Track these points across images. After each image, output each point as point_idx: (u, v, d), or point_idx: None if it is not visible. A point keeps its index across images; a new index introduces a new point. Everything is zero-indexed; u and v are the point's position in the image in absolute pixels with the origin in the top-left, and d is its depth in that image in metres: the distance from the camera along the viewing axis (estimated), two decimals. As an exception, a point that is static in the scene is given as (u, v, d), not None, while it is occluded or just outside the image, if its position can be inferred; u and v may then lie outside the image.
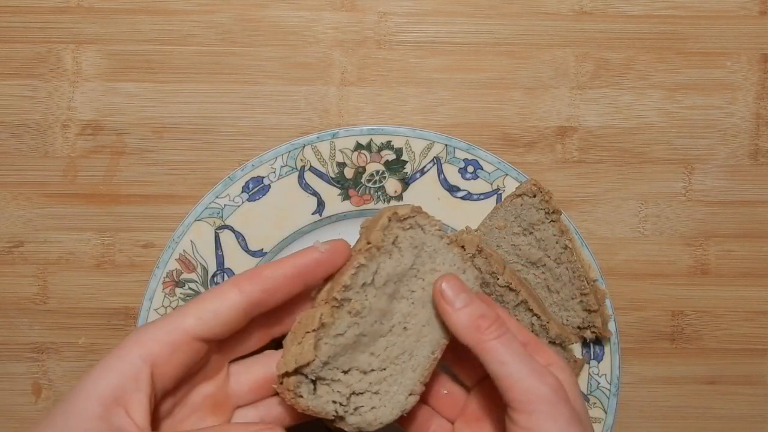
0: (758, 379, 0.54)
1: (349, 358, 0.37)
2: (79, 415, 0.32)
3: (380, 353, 0.37)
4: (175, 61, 0.53)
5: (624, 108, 0.53)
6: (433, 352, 0.38)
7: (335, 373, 0.36)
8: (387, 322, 0.38)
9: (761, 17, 0.53)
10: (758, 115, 0.54)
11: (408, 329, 0.38)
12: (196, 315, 0.35)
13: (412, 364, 0.38)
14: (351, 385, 0.37)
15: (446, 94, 0.53)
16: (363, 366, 0.37)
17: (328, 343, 0.35)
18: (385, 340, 0.38)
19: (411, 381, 0.38)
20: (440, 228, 0.39)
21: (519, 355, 0.35)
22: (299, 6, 0.53)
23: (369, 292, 0.37)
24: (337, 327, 0.36)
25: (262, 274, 0.36)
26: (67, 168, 0.53)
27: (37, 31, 0.52)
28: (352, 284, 0.36)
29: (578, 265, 0.48)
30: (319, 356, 0.35)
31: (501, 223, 0.50)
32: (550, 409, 0.34)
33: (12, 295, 0.53)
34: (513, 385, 0.35)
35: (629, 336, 0.54)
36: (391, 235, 0.37)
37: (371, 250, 0.36)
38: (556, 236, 0.49)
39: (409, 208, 0.38)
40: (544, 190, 0.49)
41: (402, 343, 0.38)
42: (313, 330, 0.35)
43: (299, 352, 0.35)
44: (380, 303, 0.37)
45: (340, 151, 0.51)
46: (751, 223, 0.54)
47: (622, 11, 0.53)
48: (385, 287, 0.37)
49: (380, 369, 0.37)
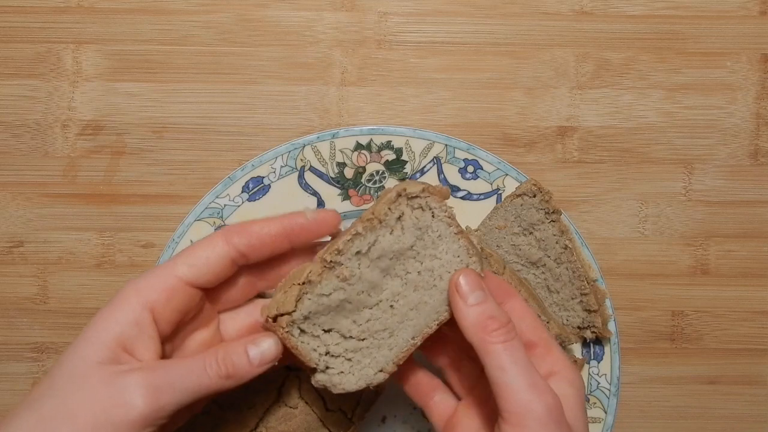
0: (758, 379, 0.54)
1: (331, 319, 0.37)
2: (87, 361, 0.34)
3: (362, 324, 0.38)
4: (175, 61, 0.53)
5: (624, 108, 0.53)
6: (414, 338, 0.38)
7: (316, 329, 0.37)
8: (375, 296, 0.38)
9: (761, 17, 0.53)
10: (758, 115, 0.54)
11: (394, 308, 0.38)
12: (187, 263, 0.36)
13: (390, 343, 0.38)
14: (328, 345, 0.37)
15: (446, 94, 0.53)
16: (343, 331, 0.37)
17: (311, 299, 0.36)
18: (369, 313, 0.38)
19: (384, 359, 0.38)
20: (451, 216, 0.38)
21: (520, 365, 0.35)
22: (299, 6, 0.53)
23: (362, 261, 0.37)
24: (322, 287, 0.36)
25: (251, 229, 0.37)
26: (67, 168, 0.53)
27: (37, 31, 0.52)
28: (345, 250, 0.36)
29: (578, 265, 0.48)
30: (300, 309, 0.36)
31: (501, 223, 0.50)
32: (539, 428, 0.34)
33: (12, 295, 0.53)
34: (507, 396, 0.34)
35: (629, 336, 0.54)
36: (397, 211, 0.37)
37: (372, 221, 0.36)
38: (556, 236, 0.49)
39: (420, 187, 0.37)
40: (544, 190, 0.49)
41: (385, 320, 0.38)
42: (299, 284, 0.36)
43: (282, 300, 0.36)
44: (371, 275, 0.37)
45: (340, 151, 0.51)
46: (751, 223, 0.54)
47: (622, 11, 0.53)
48: (379, 261, 0.37)
49: (359, 338, 0.38)
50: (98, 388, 0.33)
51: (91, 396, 0.33)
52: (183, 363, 0.35)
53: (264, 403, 0.45)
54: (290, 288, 0.36)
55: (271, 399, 0.45)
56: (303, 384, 0.45)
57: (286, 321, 0.36)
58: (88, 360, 0.34)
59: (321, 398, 0.45)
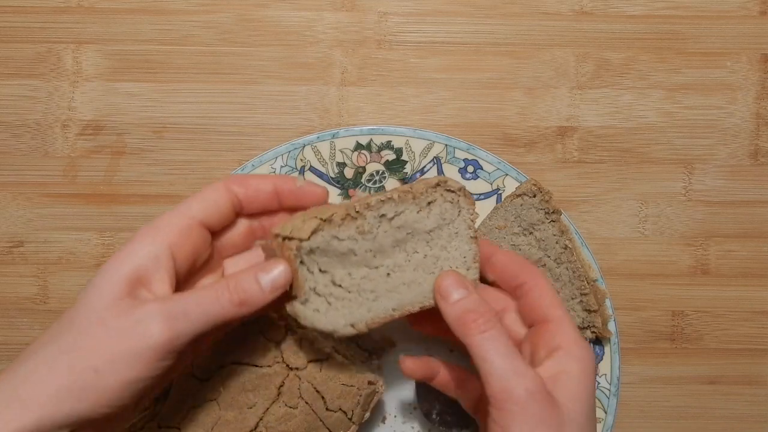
0: (758, 379, 0.54)
1: (331, 263, 0.39)
2: (105, 296, 0.35)
3: (355, 278, 0.39)
4: (175, 61, 0.53)
5: (624, 108, 0.53)
6: (395, 310, 0.40)
7: (314, 265, 0.38)
8: (378, 260, 0.40)
9: (761, 17, 0.53)
10: (758, 115, 0.54)
11: (390, 277, 0.40)
12: (199, 204, 0.39)
13: (372, 305, 0.40)
14: (317, 283, 0.39)
15: (446, 94, 0.53)
16: (336, 278, 0.39)
17: (324, 236, 0.38)
18: (366, 271, 0.40)
19: (359, 317, 0.39)
20: (473, 220, 0.41)
21: (501, 353, 0.36)
22: (299, 6, 0.53)
23: (383, 224, 0.39)
24: (339, 230, 0.38)
25: (248, 181, 0.41)
26: (67, 168, 0.53)
27: (37, 31, 0.52)
28: (375, 207, 0.39)
29: (578, 265, 0.48)
30: (312, 241, 0.37)
31: (501, 223, 0.50)
32: (519, 410, 0.35)
33: (12, 295, 0.53)
34: (490, 382, 0.36)
35: (629, 336, 0.54)
36: (432, 196, 0.40)
37: (408, 194, 0.39)
38: (556, 236, 0.49)
39: (458, 186, 0.40)
40: (544, 190, 0.49)
41: (377, 284, 0.40)
42: (321, 219, 0.38)
43: (299, 227, 0.37)
44: (384, 240, 0.39)
45: (340, 151, 0.51)
46: (751, 223, 0.54)
47: (622, 11, 0.53)
48: (396, 231, 0.39)
49: (347, 290, 0.39)
50: (116, 320, 0.34)
51: (110, 328, 0.34)
52: (197, 293, 0.36)
53: (264, 403, 0.45)
54: (310, 219, 0.38)
55: (271, 399, 0.45)
56: (303, 384, 0.45)
57: (295, 245, 0.37)
58: (106, 294, 0.35)
59: (321, 398, 0.45)
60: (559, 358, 0.38)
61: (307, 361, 0.45)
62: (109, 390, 0.34)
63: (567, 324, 0.39)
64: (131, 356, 0.34)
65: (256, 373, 0.45)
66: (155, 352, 0.34)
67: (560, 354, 0.38)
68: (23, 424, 0.33)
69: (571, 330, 0.39)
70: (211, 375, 0.45)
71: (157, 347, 0.34)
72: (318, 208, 0.40)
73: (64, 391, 0.34)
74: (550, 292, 0.41)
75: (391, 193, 0.39)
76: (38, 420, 0.33)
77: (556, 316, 0.40)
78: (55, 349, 0.34)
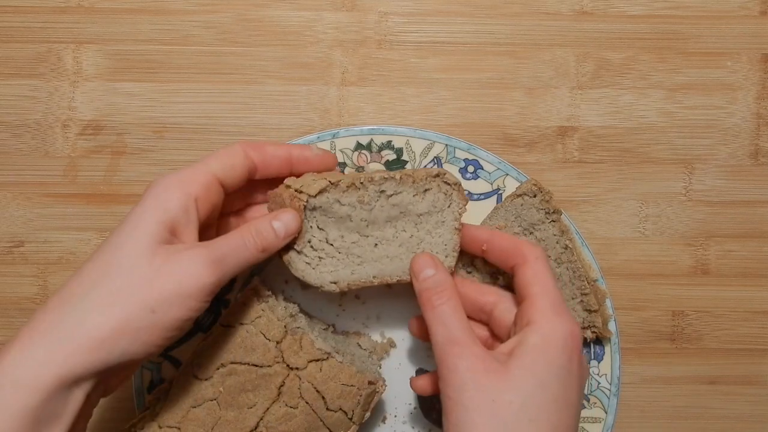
0: (758, 379, 0.54)
1: (328, 222, 0.44)
2: (144, 242, 0.37)
3: (346, 241, 0.44)
4: (175, 61, 0.53)
5: (624, 108, 0.53)
6: (375, 278, 0.45)
7: (313, 221, 0.43)
8: (369, 230, 0.44)
9: (761, 17, 0.53)
10: (759, 115, 0.54)
11: (377, 248, 0.45)
12: (219, 163, 0.42)
13: (356, 269, 0.44)
14: (314, 238, 0.44)
15: (446, 94, 0.53)
16: (330, 237, 0.44)
17: (328, 198, 0.43)
18: (357, 237, 0.44)
19: (343, 277, 0.44)
20: (462, 213, 0.45)
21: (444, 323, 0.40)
22: (299, 6, 0.53)
23: (381, 199, 0.44)
24: (343, 195, 0.43)
25: (265, 148, 0.44)
26: (67, 168, 0.53)
27: (37, 30, 0.52)
28: (377, 182, 0.43)
29: (578, 265, 0.48)
30: (317, 199, 0.42)
31: (501, 222, 0.50)
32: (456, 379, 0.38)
33: (12, 295, 0.53)
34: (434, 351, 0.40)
35: (629, 336, 0.54)
36: (429, 184, 0.44)
37: (408, 177, 0.44)
38: (556, 236, 0.49)
39: (455, 181, 0.44)
40: (545, 190, 0.49)
41: (363, 251, 0.44)
42: (330, 182, 0.42)
43: (309, 183, 0.42)
44: (379, 214, 0.44)
45: (340, 151, 0.51)
46: (752, 223, 0.54)
47: (622, 11, 0.53)
48: (391, 208, 0.44)
49: (337, 249, 0.44)
50: (165, 263, 0.37)
51: (160, 271, 0.37)
52: (227, 240, 0.40)
53: (264, 403, 0.45)
54: (320, 179, 0.42)
55: (271, 399, 0.45)
56: (303, 384, 0.45)
57: (306, 197, 0.42)
58: (144, 240, 0.37)
59: (321, 398, 0.45)
60: (524, 333, 0.39)
61: (307, 361, 0.45)
62: (163, 328, 0.37)
63: (541, 300, 0.41)
64: (184, 296, 0.37)
65: (256, 373, 0.45)
66: (204, 292, 0.37)
67: (527, 329, 0.39)
68: (76, 364, 0.35)
69: (544, 306, 0.40)
70: (211, 375, 0.45)
71: (206, 288, 0.37)
72: (325, 173, 0.45)
73: (118, 332, 0.36)
74: (532, 270, 0.42)
75: (394, 173, 0.44)
76: (91, 363, 0.35)
77: (531, 294, 0.41)
78: (104, 293, 0.36)
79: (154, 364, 0.50)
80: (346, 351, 0.48)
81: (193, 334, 0.50)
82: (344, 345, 0.49)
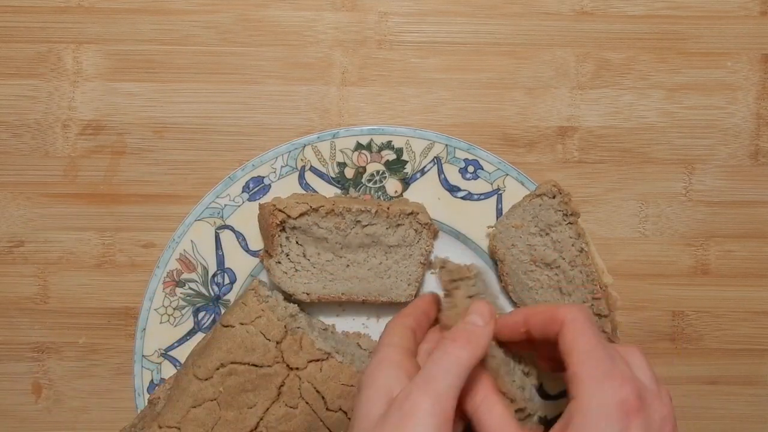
0: (758, 379, 0.54)
1: (307, 241, 0.48)
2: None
3: (321, 259, 0.49)
4: (175, 61, 0.53)
5: (624, 108, 0.53)
6: (343, 294, 0.49)
7: (293, 237, 0.48)
8: (343, 252, 0.49)
9: (761, 17, 0.53)
10: (759, 115, 0.54)
11: (348, 268, 0.49)
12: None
13: (328, 284, 0.49)
14: (291, 251, 0.48)
15: (447, 94, 0.53)
16: (307, 253, 0.49)
17: (307, 221, 0.47)
18: (331, 257, 0.49)
19: (315, 290, 0.49)
20: (427, 252, 0.49)
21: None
22: (299, 6, 0.53)
23: (356, 228, 0.48)
24: (321, 220, 0.47)
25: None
26: (67, 168, 0.53)
27: (37, 30, 0.52)
28: (354, 213, 0.47)
29: (592, 269, 0.48)
30: (297, 221, 0.47)
31: (518, 221, 0.49)
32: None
33: (12, 295, 0.53)
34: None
35: (629, 336, 0.54)
36: (401, 221, 0.48)
37: (383, 213, 0.48)
38: (572, 239, 0.48)
39: (427, 222, 0.49)
40: (564, 192, 0.48)
41: (336, 270, 0.49)
42: (311, 206, 0.47)
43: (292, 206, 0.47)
44: (353, 240, 0.48)
45: (340, 151, 0.51)
46: (752, 223, 0.54)
47: (622, 11, 0.53)
48: (365, 237, 0.48)
49: (312, 265, 0.49)
50: None
51: None
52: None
53: (264, 403, 0.45)
54: (302, 204, 0.47)
55: (271, 399, 0.45)
56: (303, 384, 0.45)
57: (281, 217, 0.47)
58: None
59: (321, 398, 0.45)
60: (569, 411, 0.36)
61: (307, 361, 0.45)
62: None
63: (580, 368, 0.37)
64: None
65: (256, 373, 0.45)
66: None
67: (571, 406, 0.36)
68: None
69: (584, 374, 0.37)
70: (211, 375, 0.45)
71: None
72: (312, 196, 0.49)
73: None
74: (570, 334, 0.38)
75: (370, 206, 0.48)
76: None
77: (570, 363, 0.37)
78: None
79: (154, 364, 0.50)
80: (346, 351, 0.48)
81: (193, 334, 0.50)
82: (344, 345, 0.49)
